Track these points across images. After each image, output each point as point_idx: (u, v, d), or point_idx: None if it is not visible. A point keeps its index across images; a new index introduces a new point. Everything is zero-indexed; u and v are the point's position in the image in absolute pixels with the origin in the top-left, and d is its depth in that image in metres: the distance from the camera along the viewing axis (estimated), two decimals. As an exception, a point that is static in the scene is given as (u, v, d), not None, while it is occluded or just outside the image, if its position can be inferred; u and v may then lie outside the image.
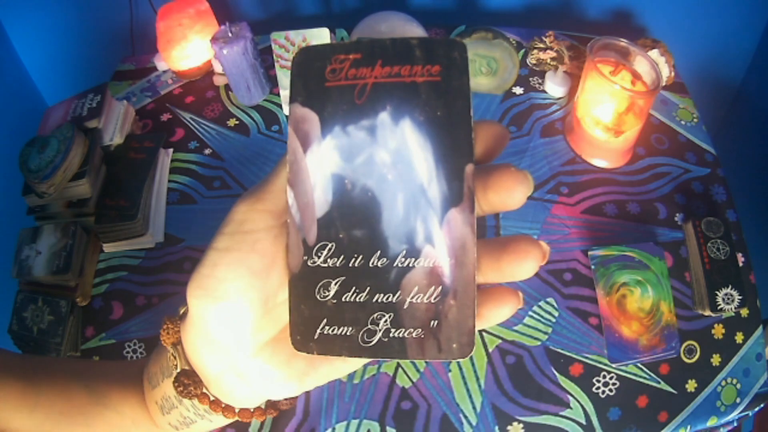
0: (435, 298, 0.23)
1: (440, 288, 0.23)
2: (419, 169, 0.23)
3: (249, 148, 0.98)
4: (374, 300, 0.24)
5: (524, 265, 0.23)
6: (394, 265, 0.24)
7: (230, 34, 0.95)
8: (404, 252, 0.23)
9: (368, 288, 0.24)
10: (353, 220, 0.24)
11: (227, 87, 1.06)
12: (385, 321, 0.24)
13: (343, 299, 0.24)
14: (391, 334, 0.24)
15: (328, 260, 0.24)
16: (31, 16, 1.17)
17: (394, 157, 0.23)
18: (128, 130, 0.96)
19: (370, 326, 0.24)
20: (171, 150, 0.98)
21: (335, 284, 0.24)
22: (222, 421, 0.31)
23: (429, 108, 0.23)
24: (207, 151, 0.98)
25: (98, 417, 0.34)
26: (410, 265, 0.24)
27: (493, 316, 0.24)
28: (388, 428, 0.74)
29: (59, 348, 0.78)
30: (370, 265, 0.24)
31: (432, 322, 0.23)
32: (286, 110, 1.01)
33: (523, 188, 0.23)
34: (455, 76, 0.23)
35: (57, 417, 0.34)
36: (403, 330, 0.24)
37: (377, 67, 0.23)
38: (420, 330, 0.24)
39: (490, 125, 0.25)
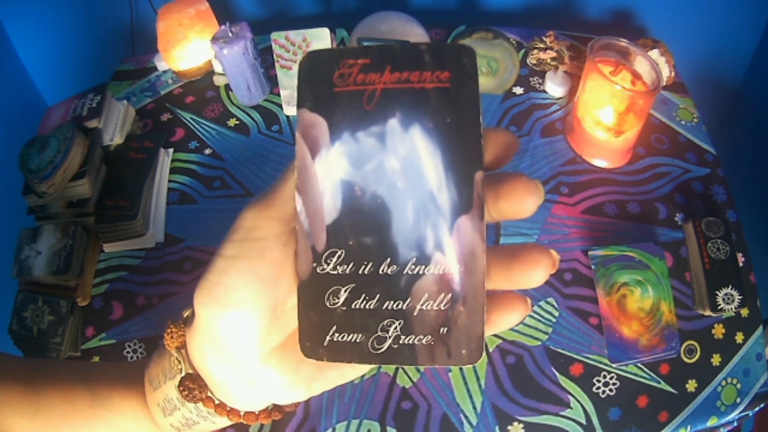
0: (445, 305, 0.23)
1: (450, 295, 0.23)
2: (429, 176, 0.23)
3: (249, 148, 0.98)
4: (384, 307, 0.24)
5: (535, 273, 0.24)
6: (404, 272, 0.24)
7: (230, 34, 0.95)
8: (414, 259, 0.23)
9: (378, 295, 0.24)
10: (363, 227, 0.24)
11: (227, 87, 1.06)
12: (395, 328, 0.24)
13: (352, 306, 0.24)
14: (401, 341, 0.24)
15: (338, 267, 0.24)
16: (31, 16, 1.16)
17: (403, 164, 0.23)
18: (128, 130, 0.96)
19: (380, 333, 0.24)
20: (171, 150, 0.98)
21: (345, 291, 0.24)
22: (225, 422, 0.31)
23: (438, 115, 0.23)
24: (207, 151, 0.98)
25: (100, 419, 0.34)
26: (420, 272, 0.24)
27: (502, 322, 0.25)
28: (388, 428, 0.74)
29: (59, 348, 0.78)
30: (380, 272, 0.24)
31: (442, 329, 0.24)
32: (286, 110, 1.01)
33: (534, 198, 0.23)
34: (465, 82, 0.23)
35: (59, 420, 0.34)
36: (413, 337, 0.24)
37: (386, 73, 0.23)
38: (430, 336, 0.24)
39: (499, 133, 0.25)
